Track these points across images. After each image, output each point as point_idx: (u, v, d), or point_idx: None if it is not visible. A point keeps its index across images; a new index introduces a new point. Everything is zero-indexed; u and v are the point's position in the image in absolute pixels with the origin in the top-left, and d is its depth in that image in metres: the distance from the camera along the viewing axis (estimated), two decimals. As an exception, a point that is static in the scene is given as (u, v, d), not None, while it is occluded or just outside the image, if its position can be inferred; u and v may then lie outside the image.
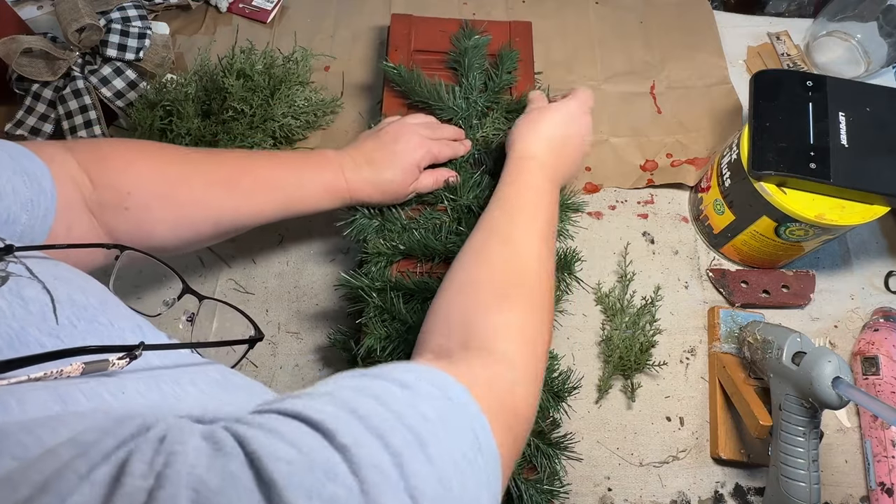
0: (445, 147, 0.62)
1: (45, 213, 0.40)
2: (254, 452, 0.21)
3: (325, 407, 0.24)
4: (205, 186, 0.51)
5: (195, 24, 0.86)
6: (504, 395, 0.37)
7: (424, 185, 0.61)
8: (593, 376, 0.65)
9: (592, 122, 0.80)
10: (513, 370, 0.40)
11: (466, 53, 0.69)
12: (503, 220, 0.51)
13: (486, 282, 0.46)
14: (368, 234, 0.60)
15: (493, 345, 0.41)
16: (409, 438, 0.25)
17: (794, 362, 0.53)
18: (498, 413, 0.34)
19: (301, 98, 0.74)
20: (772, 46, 0.85)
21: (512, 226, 0.50)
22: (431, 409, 0.27)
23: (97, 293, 0.34)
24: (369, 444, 0.23)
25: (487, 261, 0.48)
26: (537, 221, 0.51)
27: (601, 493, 0.61)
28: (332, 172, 0.56)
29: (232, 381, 0.34)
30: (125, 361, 0.28)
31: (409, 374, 0.30)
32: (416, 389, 0.28)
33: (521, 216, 0.51)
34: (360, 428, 0.24)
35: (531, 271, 0.48)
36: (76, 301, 0.32)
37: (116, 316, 0.33)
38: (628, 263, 0.70)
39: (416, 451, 0.24)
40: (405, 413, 0.26)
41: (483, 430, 0.30)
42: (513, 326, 0.43)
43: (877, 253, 0.73)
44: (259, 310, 0.68)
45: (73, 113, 0.72)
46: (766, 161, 0.60)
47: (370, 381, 0.28)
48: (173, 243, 0.51)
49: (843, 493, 0.61)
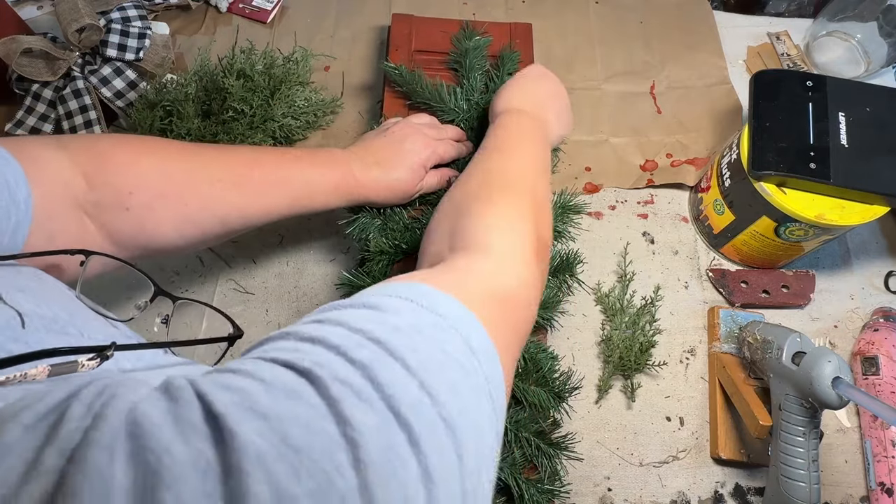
0: (450, 147, 0.62)
1: (17, 226, 0.38)
2: (203, 391, 0.20)
3: (285, 343, 0.24)
4: (211, 185, 0.49)
5: (195, 24, 0.86)
6: (486, 284, 0.36)
7: (430, 184, 0.61)
8: (593, 376, 0.65)
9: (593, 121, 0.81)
10: (499, 259, 0.39)
11: (467, 54, 0.69)
12: (485, 156, 0.52)
13: (472, 193, 0.47)
14: (371, 233, 0.60)
15: (479, 241, 0.41)
16: (377, 350, 0.24)
17: (794, 362, 0.53)
18: (482, 303, 0.32)
19: (301, 98, 0.74)
20: (772, 46, 0.85)
21: (497, 157, 0.51)
22: (402, 320, 0.26)
23: (64, 303, 0.32)
24: (333, 363, 0.22)
25: (472, 183, 0.49)
26: (524, 150, 0.52)
27: (601, 493, 0.61)
28: (340, 171, 0.56)
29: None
30: (95, 362, 0.26)
31: (377, 295, 0.29)
32: (383, 307, 0.27)
33: (508, 149, 0.52)
34: (321, 350, 0.23)
35: (520, 177, 0.48)
36: (43, 315, 0.30)
37: (86, 326, 0.32)
38: (628, 263, 0.70)
39: (388, 361, 0.23)
40: (370, 329, 0.25)
41: (473, 328, 0.29)
42: (500, 223, 0.42)
43: (877, 253, 0.73)
44: (259, 310, 0.68)
45: (73, 113, 0.72)
46: (766, 161, 0.60)
47: (333, 312, 0.27)
48: (178, 244, 0.49)
49: (843, 493, 0.61)
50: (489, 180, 0.48)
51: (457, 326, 0.28)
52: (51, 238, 0.41)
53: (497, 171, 0.49)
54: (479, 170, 0.50)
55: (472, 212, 0.44)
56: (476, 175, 0.50)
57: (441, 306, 0.29)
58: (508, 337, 0.34)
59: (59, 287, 0.35)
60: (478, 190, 0.47)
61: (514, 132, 0.54)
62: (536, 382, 0.56)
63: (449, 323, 0.28)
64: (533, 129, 0.55)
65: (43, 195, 0.40)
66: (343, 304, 0.28)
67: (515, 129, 0.54)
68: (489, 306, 0.33)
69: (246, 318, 0.68)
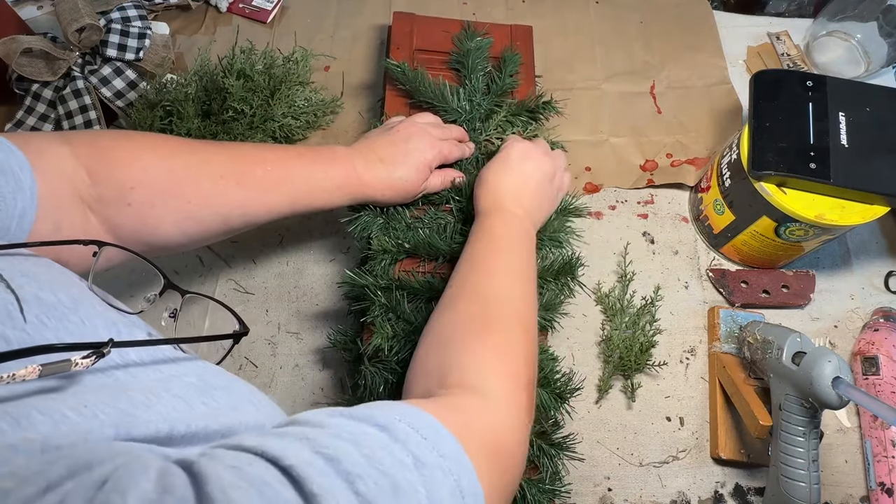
0: (454, 147, 0.62)
1: (23, 212, 0.38)
2: (209, 497, 0.19)
3: (300, 451, 0.24)
4: (213, 182, 0.49)
5: (195, 24, 0.86)
6: (486, 432, 0.36)
7: (433, 185, 0.60)
8: (593, 376, 0.65)
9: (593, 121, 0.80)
10: (493, 404, 0.39)
11: (469, 55, 0.69)
12: (473, 274, 0.50)
13: (461, 324, 0.46)
14: (372, 232, 0.60)
15: (469, 380, 0.40)
16: (382, 484, 0.24)
17: (794, 362, 0.53)
18: (480, 451, 0.32)
19: (301, 98, 0.74)
20: (772, 46, 0.85)
21: (484, 277, 0.49)
22: (407, 454, 0.27)
23: (69, 291, 0.32)
24: (338, 493, 0.22)
25: (460, 308, 0.47)
26: (511, 264, 0.50)
27: (601, 493, 0.61)
28: (344, 169, 0.55)
29: (210, 381, 0.32)
30: (90, 360, 0.26)
31: (390, 416, 0.29)
32: (393, 432, 0.28)
33: (493, 264, 0.50)
34: (331, 473, 0.23)
35: (509, 303, 0.47)
36: (44, 300, 0.30)
37: (89, 314, 0.31)
38: (628, 263, 0.70)
39: (389, 499, 0.24)
40: (380, 458, 0.25)
41: (467, 475, 0.29)
42: (489, 360, 0.42)
43: (877, 253, 0.73)
44: (259, 310, 0.68)
45: (73, 113, 0.72)
46: (766, 161, 0.60)
47: (349, 423, 0.27)
48: (180, 240, 0.49)
49: (843, 493, 0.61)
50: (477, 312, 0.46)
51: (453, 470, 0.28)
52: (57, 228, 0.41)
53: (484, 299, 0.47)
54: (465, 295, 0.48)
55: (463, 349, 0.43)
56: (462, 303, 0.48)
57: (445, 446, 0.29)
58: (500, 490, 0.35)
59: (68, 275, 0.35)
60: (467, 324, 0.45)
61: (499, 242, 0.52)
62: (538, 384, 0.56)
63: (448, 466, 0.28)
64: (517, 234, 0.53)
65: (48, 186, 0.40)
66: (356, 415, 0.29)
67: (499, 238, 0.52)
68: (488, 458, 0.34)
69: (246, 318, 0.67)
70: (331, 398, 0.64)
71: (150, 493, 0.19)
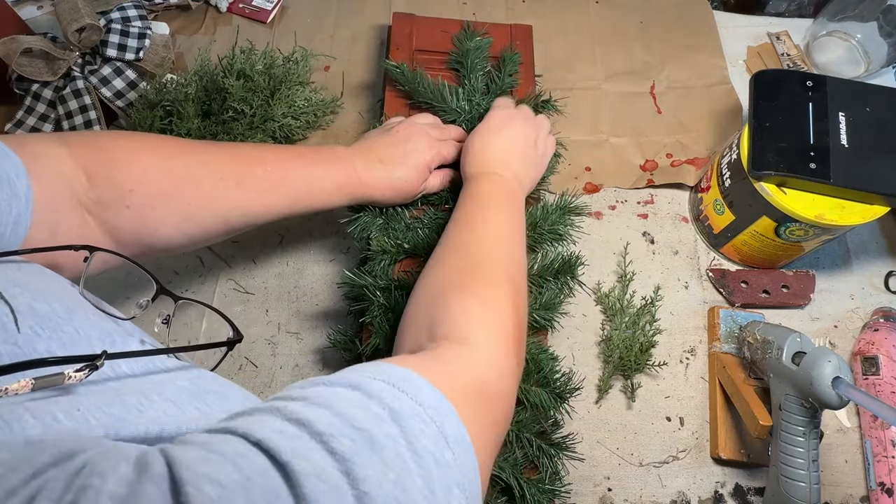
0: (454, 148, 0.62)
1: (18, 219, 0.37)
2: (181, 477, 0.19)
3: (271, 422, 0.24)
4: (213, 182, 0.49)
5: (195, 24, 0.86)
6: (470, 378, 0.36)
7: (433, 185, 0.61)
8: (593, 376, 0.65)
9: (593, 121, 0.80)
10: (478, 351, 0.40)
11: (468, 55, 0.69)
12: (462, 232, 0.51)
13: (448, 278, 0.47)
14: (372, 232, 0.60)
15: (457, 331, 0.41)
16: (358, 440, 0.24)
17: (794, 362, 0.53)
18: (465, 397, 0.33)
19: (301, 98, 0.74)
20: (772, 46, 0.85)
21: (471, 234, 0.50)
22: (383, 407, 0.26)
23: (63, 299, 0.32)
24: (312, 455, 0.22)
25: (449, 263, 0.49)
26: (499, 221, 0.51)
27: (601, 493, 0.61)
28: (344, 169, 0.55)
29: (204, 387, 0.32)
30: (84, 374, 0.26)
31: (363, 375, 0.29)
32: (367, 389, 0.28)
33: (481, 222, 0.51)
34: (304, 437, 0.23)
35: (496, 259, 0.48)
36: (37, 310, 0.29)
37: (84, 324, 0.31)
38: (628, 263, 0.70)
39: (367, 454, 0.23)
40: (353, 415, 0.25)
41: (449, 420, 0.29)
42: (476, 312, 0.43)
43: (877, 253, 0.73)
44: (259, 310, 0.68)
45: (73, 113, 0.72)
46: (766, 161, 0.60)
47: (322, 389, 0.27)
48: (180, 241, 0.49)
49: (843, 493, 0.61)
50: (465, 267, 0.47)
51: (434, 417, 0.28)
52: (52, 233, 0.40)
53: (472, 255, 0.48)
54: (454, 251, 0.50)
55: (450, 302, 0.44)
56: (451, 258, 0.49)
57: (423, 396, 0.29)
58: (487, 430, 0.35)
59: (60, 282, 0.35)
60: (455, 278, 0.46)
61: (486, 200, 0.53)
62: (538, 383, 0.56)
63: (428, 414, 0.28)
64: (504, 194, 0.54)
65: (43, 190, 0.39)
66: (330, 380, 0.29)
67: (486, 197, 0.54)
68: (472, 400, 0.34)
69: (246, 318, 0.68)
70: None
71: (129, 475, 0.19)
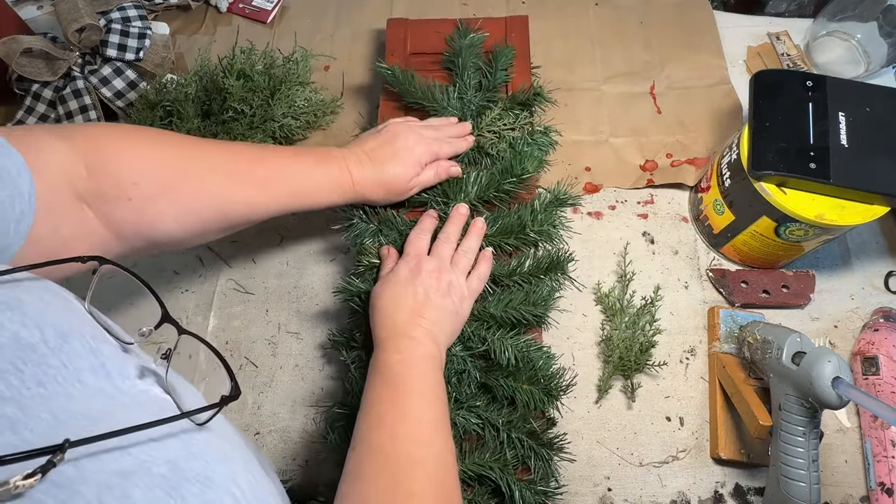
0: (445, 144, 0.62)
1: (21, 216, 0.37)
2: None
3: None
4: (213, 177, 0.50)
5: (195, 24, 0.86)
6: None
7: (426, 179, 0.61)
8: (593, 376, 0.65)
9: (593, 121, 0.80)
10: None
11: (461, 52, 0.69)
12: (376, 433, 0.46)
13: (370, 497, 0.42)
14: (366, 239, 0.61)
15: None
16: None
17: (794, 362, 0.53)
18: None
19: (301, 98, 0.74)
20: (772, 46, 0.85)
21: (388, 437, 0.45)
22: None
23: (59, 322, 0.29)
24: None
25: (367, 478, 0.43)
26: (416, 412, 0.46)
27: (601, 493, 0.61)
28: (337, 167, 0.57)
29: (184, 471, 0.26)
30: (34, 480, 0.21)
31: None
32: None
33: (394, 418, 0.46)
34: None
35: (414, 468, 0.43)
36: (22, 339, 0.26)
37: (74, 354, 0.28)
38: (628, 263, 0.70)
39: None
40: None
41: None
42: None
43: (877, 253, 0.73)
44: (259, 310, 0.68)
45: (73, 113, 0.73)
46: (766, 161, 0.60)
47: None
48: (179, 235, 0.50)
49: (843, 493, 0.61)
50: (387, 487, 0.42)
51: None
52: (56, 229, 0.40)
53: (392, 468, 0.43)
54: (371, 458, 0.44)
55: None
56: (369, 470, 0.43)
57: None
58: None
59: (62, 298, 0.32)
60: (379, 500, 0.41)
61: (399, 382, 0.48)
62: (528, 381, 0.56)
63: None
64: (419, 365, 0.49)
65: (46, 185, 0.39)
66: None
67: (398, 377, 0.48)
68: None
69: (246, 318, 0.68)
70: (331, 398, 0.64)
71: None
